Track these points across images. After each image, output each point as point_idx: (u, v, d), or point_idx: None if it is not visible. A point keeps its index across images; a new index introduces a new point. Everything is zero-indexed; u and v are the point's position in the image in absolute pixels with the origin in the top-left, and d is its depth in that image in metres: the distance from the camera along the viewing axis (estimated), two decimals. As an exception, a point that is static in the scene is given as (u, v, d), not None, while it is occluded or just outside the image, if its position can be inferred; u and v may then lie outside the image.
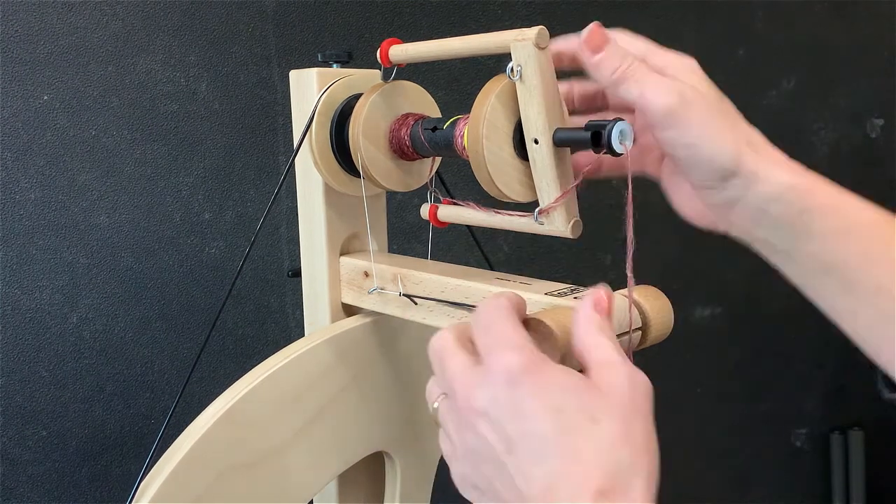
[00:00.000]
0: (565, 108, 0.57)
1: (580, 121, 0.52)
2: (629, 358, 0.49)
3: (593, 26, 0.51)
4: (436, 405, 0.44)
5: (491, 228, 0.59)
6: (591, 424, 0.38)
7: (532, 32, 0.48)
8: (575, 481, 0.37)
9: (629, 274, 0.52)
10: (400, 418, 0.69)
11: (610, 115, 0.53)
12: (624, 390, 0.40)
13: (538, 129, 0.50)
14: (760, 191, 0.49)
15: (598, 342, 0.42)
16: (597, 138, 0.50)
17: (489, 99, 0.52)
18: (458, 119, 0.58)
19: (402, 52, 0.57)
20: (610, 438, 0.38)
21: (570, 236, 0.51)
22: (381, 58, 0.58)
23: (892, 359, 0.48)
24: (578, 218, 0.51)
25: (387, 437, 0.69)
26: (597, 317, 0.43)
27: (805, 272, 0.51)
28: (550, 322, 0.46)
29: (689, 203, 0.55)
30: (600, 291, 0.44)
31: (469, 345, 0.43)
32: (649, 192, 0.63)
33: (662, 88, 0.49)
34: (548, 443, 0.38)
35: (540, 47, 0.48)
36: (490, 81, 0.54)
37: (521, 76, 0.50)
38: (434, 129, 0.58)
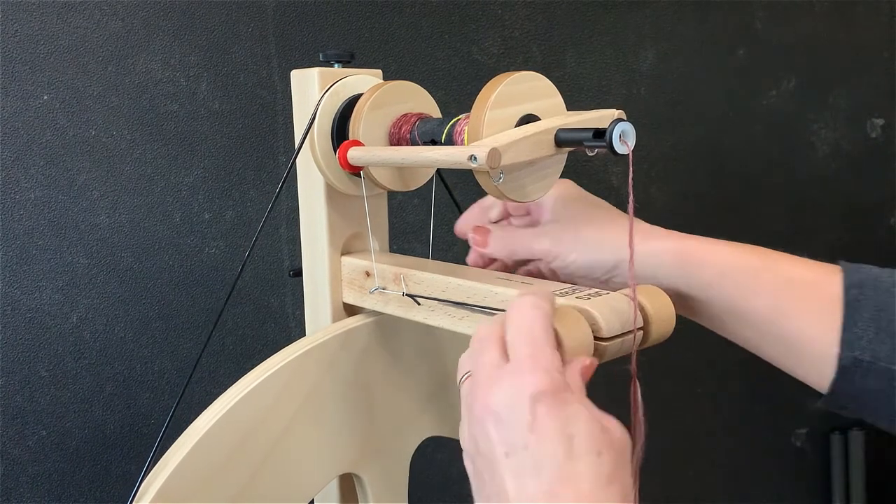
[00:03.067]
0: (563, 106, 0.57)
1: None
2: (633, 357, 0.51)
3: (473, 235, 0.66)
4: (463, 380, 0.47)
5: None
6: (594, 457, 0.41)
7: (483, 158, 0.49)
8: (566, 502, 0.39)
9: (631, 273, 0.52)
10: (400, 418, 0.69)
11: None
12: (620, 436, 0.43)
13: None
14: (647, 259, 0.58)
15: (586, 399, 0.44)
16: (598, 137, 0.50)
17: (489, 99, 0.52)
18: (458, 119, 0.58)
19: (361, 154, 0.59)
20: (607, 475, 0.40)
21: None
22: (339, 160, 0.61)
23: (812, 369, 0.54)
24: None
25: (389, 433, 0.69)
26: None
27: (710, 319, 0.59)
28: (561, 330, 0.47)
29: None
30: (591, 360, 0.47)
31: (503, 340, 0.46)
32: (650, 191, 0.63)
33: (536, 240, 0.61)
34: (551, 461, 0.40)
35: (491, 167, 0.49)
36: (490, 82, 0.54)
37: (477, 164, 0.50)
38: (433, 141, 0.59)
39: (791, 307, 0.54)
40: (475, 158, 0.49)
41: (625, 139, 0.50)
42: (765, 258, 0.56)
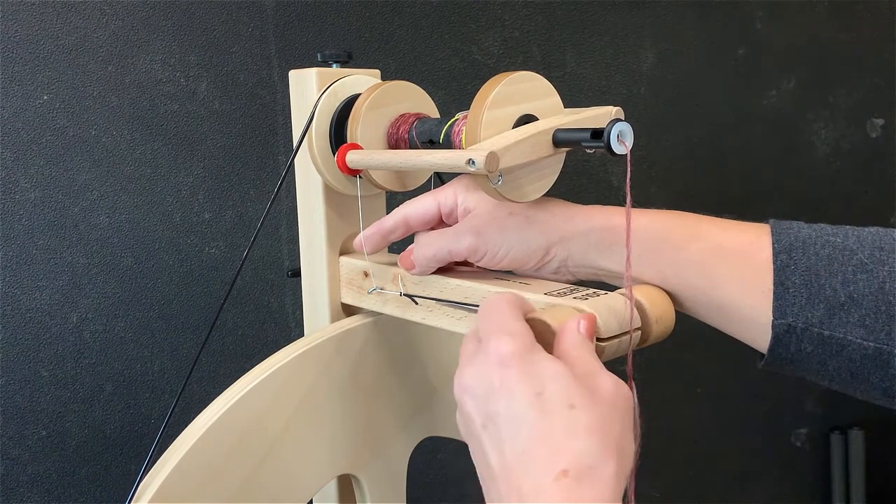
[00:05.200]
0: (561, 106, 0.57)
1: None
2: (629, 357, 0.50)
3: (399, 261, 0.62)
4: None
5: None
6: (566, 410, 0.40)
7: (481, 162, 0.49)
8: (541, 460, 0.39)
9: (628, 274, 0.52)
10: (399, 419, 0.69)
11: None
12: (608, 391, 0.42)
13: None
14: (576, 239, 0.56)
15: (581, 356, 0.44)
16: (596, 137, 0.50)
17: (487, 100, 0.52)
18: (456, 119, 0.58)
19: (360, 158, 0.59)
20: (584, 426, 0.40)
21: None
22: (338, 164, 0.61)
23: (749, 335, 0.54)
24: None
25: (386, 434, 0.69)
26: (581, 335, 0.46)
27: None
28: (549, 319, 0.47)
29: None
30: (591, 315, 0.48)
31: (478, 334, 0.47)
32: (649, 191, 0.63)
33: (457, 240, 0.58)
34: (522, 422, 0.40)
35: (489, 171, 0.50)
36: (488, 82, 0.54)
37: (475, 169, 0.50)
38: (431, 142, 0.59)
39: (722, 276, 0.53)
40: (473, 162, 0.49)
41: (623, 139, 0.50)
42: (692, 227, 0.54)
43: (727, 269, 0.52)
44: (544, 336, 0.47)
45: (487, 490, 0.42)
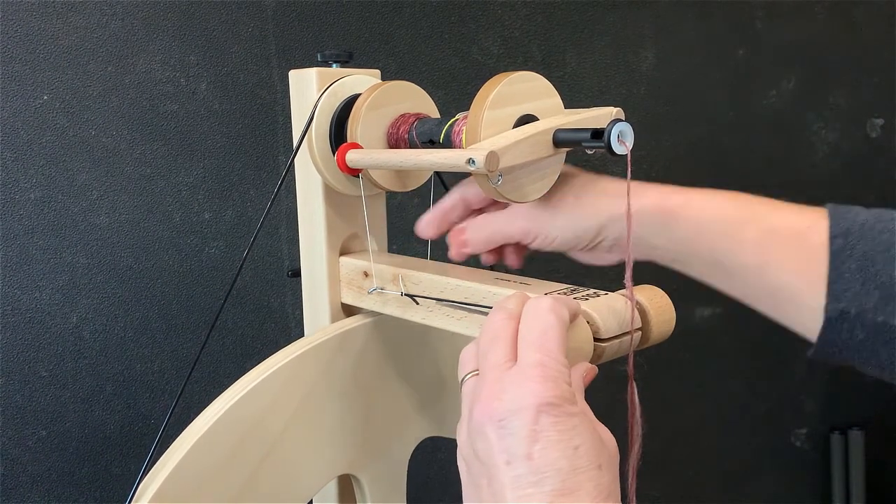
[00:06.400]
0: (562, 106, 0.57)
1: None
2: (630, 359, 0.50)
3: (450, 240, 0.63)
4: (466, 378, 0.46)
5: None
6: (596, 471, 0.40)
7: (481, 161, 0.49)
8: None
9: (629, 273, 0.52)
10: (398, 418, 0.69)
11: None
12: (614, 446, 0.43)
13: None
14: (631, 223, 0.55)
15: (587, 406, 0.44)
16: (596, 137, 0.50)
17: (487, 100, 0.52)
18: (456, 119, 0.58)
19: (360, 157, 0.59)
20: (607, 487, 0.41)
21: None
22: (338, 163, 0.61)
23: (800, 320, 0.52)
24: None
25: (386, 434, 0.69)
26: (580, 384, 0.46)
27: (698, 272, 0.57)
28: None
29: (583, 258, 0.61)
30: (592, 367, 0.48)
31: (514, 339, 0.45)
32: (649, 192, 0.63)
33: (511, 223, 0.59)
34: (555, 474, 0.40)
35: (489, 171, 0.50)
36: (489, 82, 0.54)
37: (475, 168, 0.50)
38: (431, 142, 0.59)
39: (775, 259, 0.52)
40: (473, 162, 0.49)
41: (623, 139, 0.50)
42: (748, 209, 0.54)
43: (781, 252, 0.51)
44: None
45: None
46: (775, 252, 0.52)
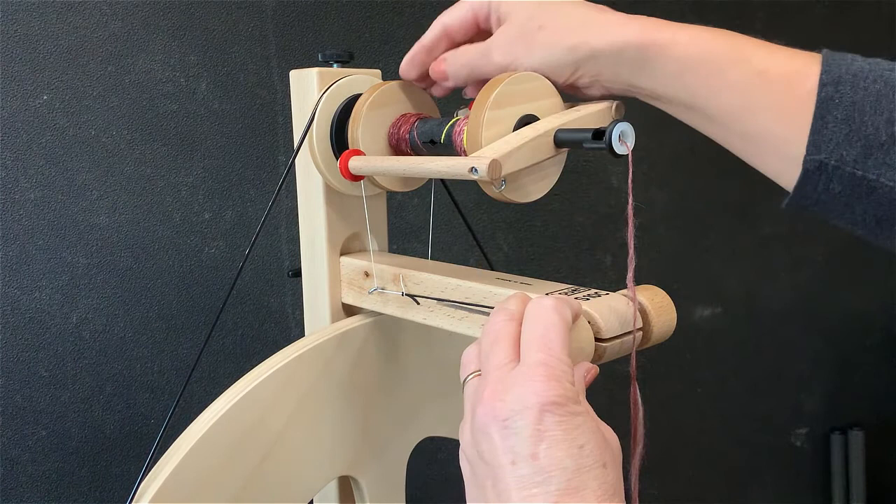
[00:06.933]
0: (562, 106, 0.57)
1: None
2: (632, 359, 0.50)
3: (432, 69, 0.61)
4: (468, 379, 0.45)
5: (491, 228, 0.59)
6: (601, 469, 0.40)
7: (484, 170, 0.49)
8: None
9: (630, 273, 0.52)
10: (399, 416, 0.69)
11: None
12: (617, 444, 0.43)
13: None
14: (607, 56, 0.53)
15: (589, 406, 0.44)
16: (598, 138, 0.50)
17: (489, 100, 0.52)
18: (457, 119, 0.58)
19: (363, 164, 0.59)
20: (612, 485, 0.41)
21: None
22: (341, 170, 0.60)
23: (777, 169, 0.51)
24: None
25: (386, 434, 0.69)
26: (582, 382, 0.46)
27: (676, 111, 0.55)
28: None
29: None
30: (593, 367, 0.47)
31: (517, 339, 0.44)
32: (650, 192, 0.62)
33: (486, 58, 0.56)
34: (560, 473, 0.40)
35: (493, 178, 0.49)
36: (490, 82, 0.54)
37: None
38: (432, 142, 0.59)
39: (759, 104, 0.49)
40: (476, 170, 0.49)
41: (624, 139, 0.50)
42: (737, 49, 0.51)
43: (767, 96, 0.49)
44: None
45: None
46: (761, 96, 0.49)
